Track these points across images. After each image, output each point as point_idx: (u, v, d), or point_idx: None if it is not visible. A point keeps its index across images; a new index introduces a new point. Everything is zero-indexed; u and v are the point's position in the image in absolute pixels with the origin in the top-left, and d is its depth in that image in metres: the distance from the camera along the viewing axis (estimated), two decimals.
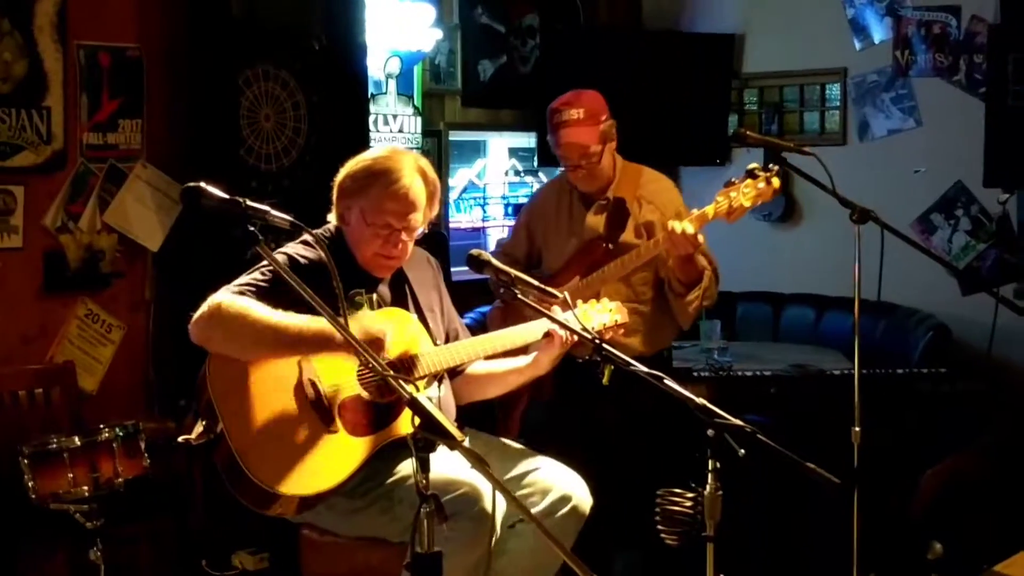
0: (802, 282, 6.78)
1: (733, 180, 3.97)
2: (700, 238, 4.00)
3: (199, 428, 3.20)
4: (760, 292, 6.88)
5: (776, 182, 3.93)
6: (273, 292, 3.11)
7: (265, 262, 3.22)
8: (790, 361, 5.61)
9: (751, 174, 3.93)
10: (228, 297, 3.13)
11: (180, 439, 3.27)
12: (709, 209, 3.97)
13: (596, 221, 4.40)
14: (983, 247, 6.33)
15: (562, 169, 4.54)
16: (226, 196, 2.56)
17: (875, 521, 3.88)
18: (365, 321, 3.16)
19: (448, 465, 3.10)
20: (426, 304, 3.59)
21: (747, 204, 3.92)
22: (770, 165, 3.95)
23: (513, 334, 3.57)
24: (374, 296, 3.45)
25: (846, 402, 3.82)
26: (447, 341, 3.62)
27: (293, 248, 3.35)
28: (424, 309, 3.57)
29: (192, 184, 2.57)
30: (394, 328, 3.28)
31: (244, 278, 3.22)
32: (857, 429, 3.79)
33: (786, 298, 6.89)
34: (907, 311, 6.24)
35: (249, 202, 2.54)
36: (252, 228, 2.51)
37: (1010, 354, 5.78)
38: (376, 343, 3.10)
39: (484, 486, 3.13)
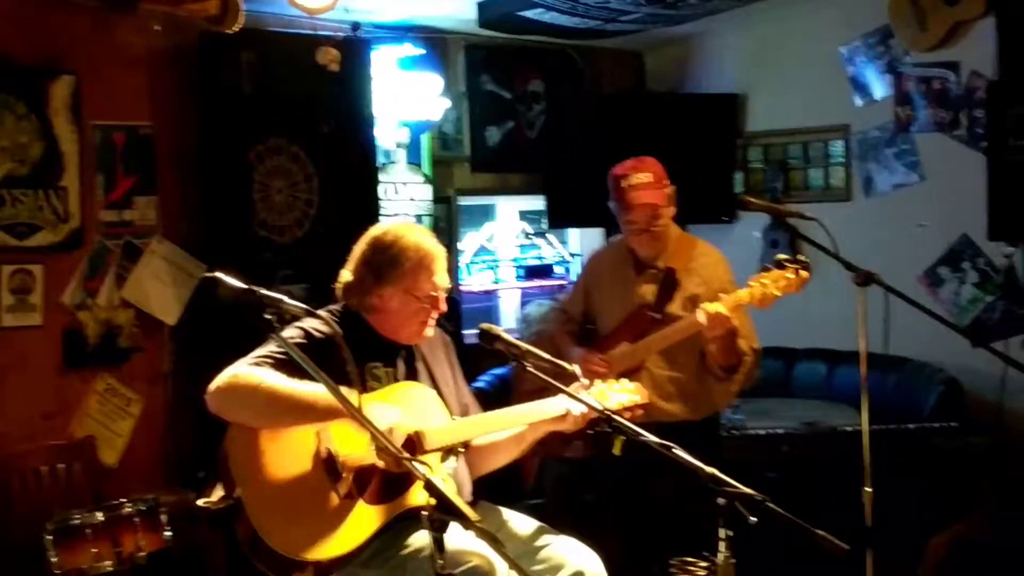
0: (813, 337, 6.82)
1: (768, 266, 4.06)
2: (739, 321, 4.05)
3: (219, 492, 3.26)
4: (771, 347, 6.87)
5: (804, 274, 4.02)
6: (290, 363, 3.15)
7: (285, 333, 3.29)
8: (802, 418, 5.64)
9: (779, 265, 4.02)
10: (244, 368, 3.22)
11: (200, 502, 3.33)
12: (744, 294, 4.04)
13: (646, 290, 4.44)
14: (991, 299, 6.35)
15: (619, 236, 4.59)
16: (242, 286, 2.63)
17: None
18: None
19: (460, 536, 3.15)
20: (441, 379, 3.68)
21: (778, 294, 4.02)
22: (799, 256, 4.03)
23: (525, 412, 3.60)
24: (391, 370, 3.54)
25: (858, 458, 3.86)
26: (460, 415, 3.68)
27: (309, 323, 3.41)
28: (440, 384, 3.65)
29: (209, 275, 2.64)
30: (407, 404, 3.37)
31: (262, 350, 3.29)
32: (868, 490, 3.83)
33: (798, 353, 6.91)
34: (918, 364, 6.26)
35: (264, 291, 2.61)
36: (268, 316, 2.57)
37: (1020, 404, 5.80)
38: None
39: (494, 559, 3.17)
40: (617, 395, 3.69)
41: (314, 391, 3.15)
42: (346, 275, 3.59)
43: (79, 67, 5.00)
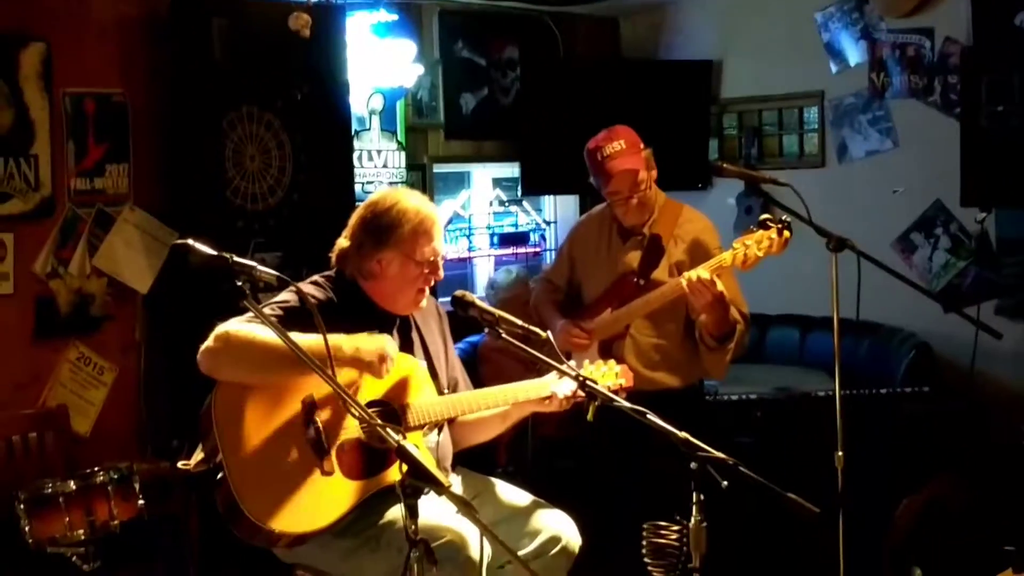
0: (786, 303, 6.85)
1: (752, 228, 4.03)
2: (723, 285, 4.05)
3: (199, 456, 3.26)
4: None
5: (787, 234, 3.99)
6: (284, 323, 3.11)
7: (279, 296, 3.30)
8: (775, 383, 5.66)
9: (763, 225, 4.00)
10: (235, 325, 3.18)
11: (179, 464, 3.32)
12: (727, 256, 4.03)
13: (631, 257, 4.43)
14: (963, 264, 6.40)
15: (603, 205, 4.56)
16: (214, 252, 2.61)
17: (857, 546, 3.94)
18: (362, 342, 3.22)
19: (436, 511, 3.16)
20: (433, 351, 3.67)
21: (760, 255, 4.00)
22: (783, 217, 4.01)
23: (512, 392, 3.60)
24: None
25: (831, 423, 3.89)
26: (449, 388, 3.69)
27: (305, 287, 3.41)
28: (432, 355, 3.65)
29: (180, 241, 2.63)
30: (396, 377, 3.39)
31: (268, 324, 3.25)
32: (840, 454, 3.85)
33: (771, 319, 6.94)
34: (890, 330, 6.31)
35: (236, 258, 2.59)
36: (239, 283, 2.55)
37: (991, 369, 5.84)
38: (377, 362, 3.19)
39: (471, 533, 3.18)
40: (603, 379, 3.67)
41: (308, 343, 3.06)
42: (342, 242, 3.55)
43: (50, 34, 4.94)
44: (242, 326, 3.17)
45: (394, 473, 3.29)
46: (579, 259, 4.66)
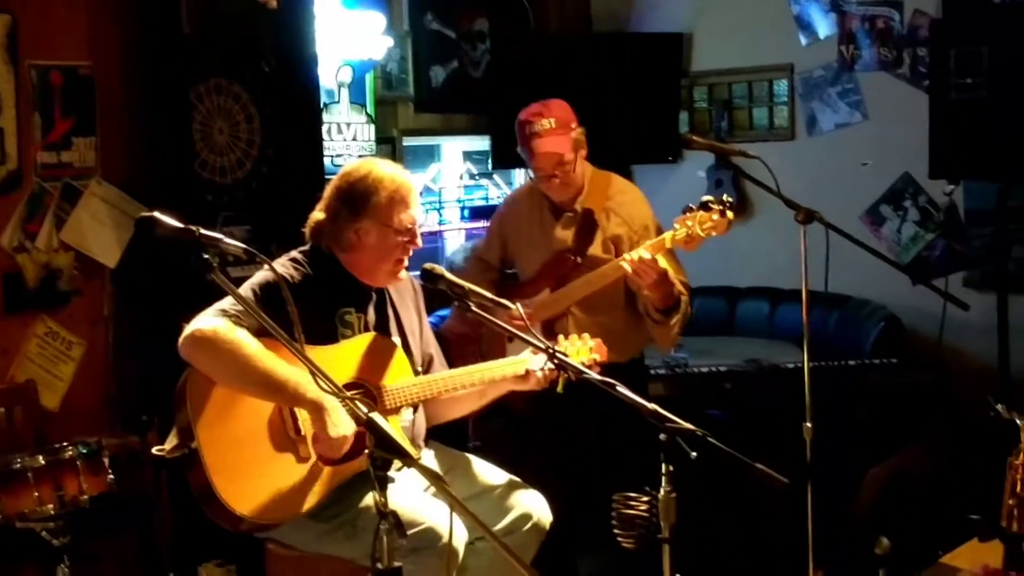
0: (756, 275, 6.88)
1: (691, 206, 3.98)
2: (667, 259, 4.04)
3: (173, 441, 3.24)
4: (715, 287, 6.94)
5: (730, 214, 3.95)
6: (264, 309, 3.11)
7: (258, 275, 3.28)
8: (745, 355, 5.69)
9: (705, 206, 3.95)
10: (224, 324, 3.16)
11: (154, 450, 3.31)
12: (668, 236, 3.99)
13: (565, 234, 4.39)
14: (932, 237, 6.45)
15: (532, 181, 4.50)
16: (180, 225, 2.59)
17: (825, 516, 3.97)
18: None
19: (412, 501, 3.17)
20: (408, 327, 3.65)
21: (703, 235, 3.94)
22: (725, 196, 3.99)
23: (488, 370, 3.59)
24: (362, 316, 3.51)
25: (800, 395, 3.91)
26: (423, 365, 3.68)
27: (282, 268, 3.39)
28: (407, 332, 3.63)
29: (146, 214, 2.60)
30: (371, 357, 3.41)
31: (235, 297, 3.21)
32: (808, 425, 3.88)
33: (741, 292, 6.97)
34: (859, 302, 6.34)
35: (203, 230, 2.57)
36: (206, 256, 2.54)
37: (959, 342, 5.90)
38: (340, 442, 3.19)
39: (447, 522, 3.17)
40: (577, 355, 3.67)
41: (287, 373, 3.13)
42: (317, 215, 3.52)
43: (16, 5, 4.88)
44: (232, 329, 3.15)
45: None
46: (511, 237, 4.61)
